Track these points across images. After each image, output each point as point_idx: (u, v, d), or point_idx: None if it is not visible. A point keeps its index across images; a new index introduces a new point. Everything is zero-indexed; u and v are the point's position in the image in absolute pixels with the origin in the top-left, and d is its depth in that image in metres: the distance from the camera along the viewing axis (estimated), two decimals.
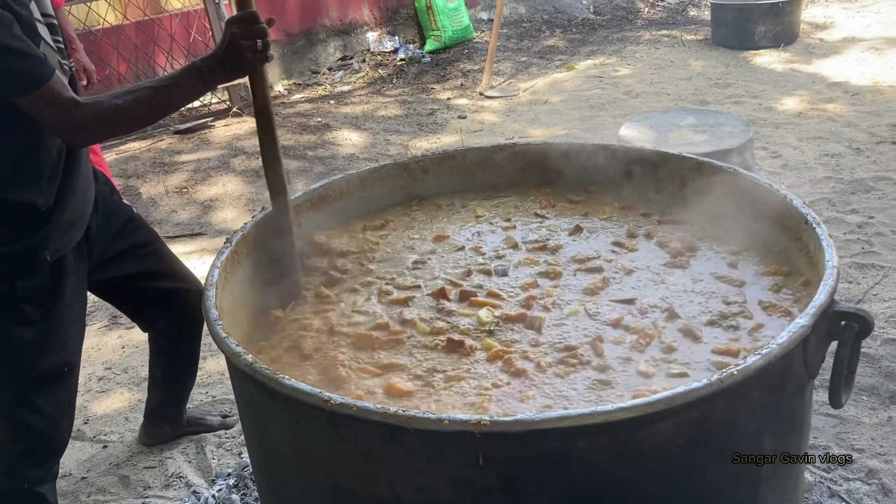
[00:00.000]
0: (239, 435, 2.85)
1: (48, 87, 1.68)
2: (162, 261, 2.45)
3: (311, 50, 7.63)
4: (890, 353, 2.92)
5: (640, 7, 9.42)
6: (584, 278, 1.87)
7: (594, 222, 2.16)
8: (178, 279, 2.49)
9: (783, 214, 1.86)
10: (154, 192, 5.17)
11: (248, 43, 1.78)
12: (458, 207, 2.33)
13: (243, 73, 1.86)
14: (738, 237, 1.96)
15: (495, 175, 2.40)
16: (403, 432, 1.24)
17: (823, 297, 1.43)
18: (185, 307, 2.50)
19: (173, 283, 2.47)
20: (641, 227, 2.10)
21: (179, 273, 2.51)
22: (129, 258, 2.32)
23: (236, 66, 1.82)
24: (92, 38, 6.10)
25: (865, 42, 7.23)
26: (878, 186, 4.33)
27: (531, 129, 5.81)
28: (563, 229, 2.12)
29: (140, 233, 2.37)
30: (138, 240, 2.35)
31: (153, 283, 2.42)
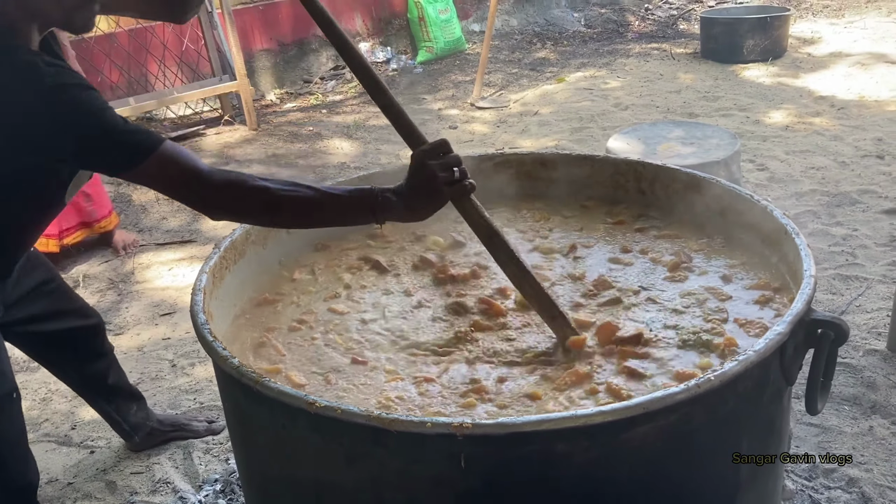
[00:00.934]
0: (226, 441, 2.86)
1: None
2: (63, 299, 2.39)
3: (303, 59, 7.67)
4: (871, 363, 2.96)
5: (631, 20, 9.50)
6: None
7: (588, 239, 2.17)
8: (82, 316, 2.46)
9: (764, 225, 1.90)
10: (144, 199, 5.17)
11: (446, 175, 1.58)
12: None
13: (433, 210, 1.62)
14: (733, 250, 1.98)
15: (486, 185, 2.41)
16: (386, 434, 1.26)
17: (801, 305, 1.46)
18: (92, 343, 2.51)
19: (78, 321, 2.44)
20: (638, 243, 2.10)
21: (82, 310, 2.47)
22: (31, 299, 2.24)
23: (429, 202, 1.59)
24: (84, 45, 6.11)
25: (852, 57, 7.32)
26: (863, 199, 4.39)
27: (521, 140, 5.85)
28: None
29: (39, 271, 2.28)
30: (39, 278, 2.27)
31: (58, 325, 2.37)
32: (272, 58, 7.44)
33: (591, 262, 2.02)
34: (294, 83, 7.58)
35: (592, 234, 2.17)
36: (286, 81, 7.54)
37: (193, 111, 6.85)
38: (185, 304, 3.88)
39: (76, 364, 2.54)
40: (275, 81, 7.47)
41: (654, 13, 9.74)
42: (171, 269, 4.29)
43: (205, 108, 6.85)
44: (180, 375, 3.31)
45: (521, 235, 2.18)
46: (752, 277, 1.87)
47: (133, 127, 1.63)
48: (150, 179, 1.63)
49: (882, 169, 4.79)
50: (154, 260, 4.41)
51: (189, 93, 6.20)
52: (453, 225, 2.22)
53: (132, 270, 4.29)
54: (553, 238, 2.16)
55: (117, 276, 4.25)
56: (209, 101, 6.83)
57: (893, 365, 2.95)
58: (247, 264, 2.03)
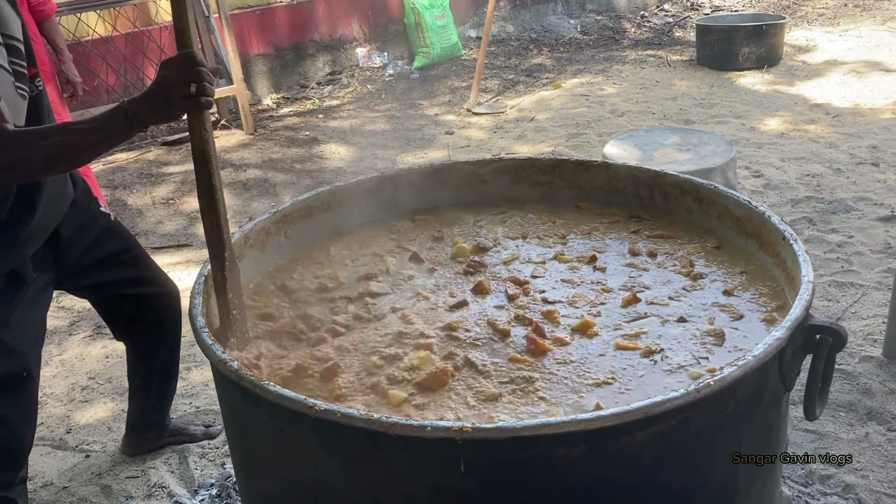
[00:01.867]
0: (222, 445, 2.85)
1: None
2: (140, 267, 2.46)
3: (300, 64, 7.67)
4: (867, 370, 2.97)
5: (627, 27, 9.54)
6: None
7: (603, 242, 2.16)
8: (156, 285, 2.52)
9: (762, 231, 1.90)
10: (141, 203, 5.17)
11: (180, 88, 1.63)
12: (471, 224, 2.32)
13: (172, 118, 1.74)
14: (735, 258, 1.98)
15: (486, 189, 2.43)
16: (386, 438, 1.26)
17: (799, 311, 1.46)
18: (163, 312, 2.54)
19: (152, 288, 2.50)
20: (643, 249, 2.09)
21: (158, 279, 2.54)
22: (107, 265, 2.34)
23: (165, 110, 1.68)
24: (81, 48, 6.12)
25: (847, 65, 7.35)
26: (858, 206, 4.40)
27: (518, 145, 5.86)
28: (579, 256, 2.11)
29: (117, 240, 2.38)
30: (116, 247, 2.37)
31: (132, 290, 2.45)
32: (269, 62, 7.45)
33: (612, 272, 2.00)
34: (291, 88, 7.58)
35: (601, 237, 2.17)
36: (283, 86, 7.54)
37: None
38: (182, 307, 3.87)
39: (149, 332, 2.57)
40: (271, 86, 7.48)
41: (650, 20, 9.78)
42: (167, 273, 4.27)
43: None
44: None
45: (540, 242, 2.16)
46: (755, 292, 1.84)
47: None
48: None
49: (877, 176, 4.81)
50: None
51: None
52: (474, 229, 2.25)
53: None
54: (572, 246, 2.14)
55: None
56: None
57: (889, 372, 2.96)
58: (244, 268, 2.02)
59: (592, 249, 2.09)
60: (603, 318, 1.78)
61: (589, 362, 1.61)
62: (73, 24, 6.17)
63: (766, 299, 1.79)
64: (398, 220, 2.34)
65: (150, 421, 2.81)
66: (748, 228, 1.97)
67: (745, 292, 1.84)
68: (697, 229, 2.13)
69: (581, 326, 1.73)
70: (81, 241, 2.24)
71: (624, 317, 1.78)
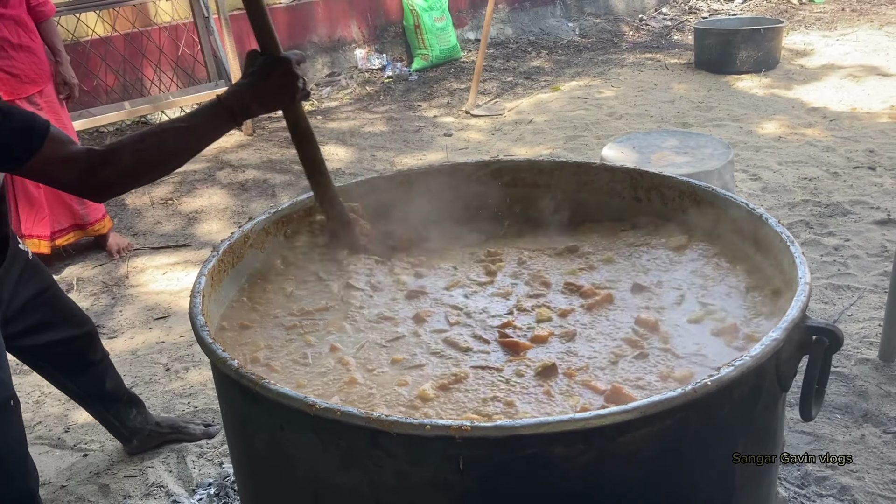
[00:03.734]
0: (220, 445, 2.86)
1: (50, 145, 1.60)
2: (56, 308, 2.40)
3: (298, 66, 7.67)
4: (863, 372, 2.98)
5: (625, 30, 9.56)
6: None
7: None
8: (72, 326, 2.46)
9: (760, 234, 1.91)
10: (139, 203, 5.17)
11: (294, 83, 1.80)
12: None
13: (281, 107, 1.86)
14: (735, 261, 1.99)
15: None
16: (386, 437, 1.26)
17: (796, 311, 1.47)
18: (83, 354, 2.52)
19: (68, 331, 2.43)
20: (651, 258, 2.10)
21: (74, 319, 2.47)
22: (29, 309, 2.27)
23: (276, 102, 1.82)
24: (80, 49, 6.12)
25: (844, 69, 7.38)
26: (855, 210, 4.42)
27: (516, 147, 5.87)
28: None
29: (37, 279, 2.30)
30: (36, 288, 2.29)
31: (48, 335, 2.37)
32: None
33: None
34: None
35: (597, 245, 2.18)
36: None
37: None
38: (180, 308, 3.89)
39: (70, 374, 2.55)
40: None
41: (648, 23, 9.80)
42: (165, 274, 4.28)
43: None
44: (174, 379, 3.30)
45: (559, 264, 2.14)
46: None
47: (16, 120, 1.59)
48: (43, 172, 1.62)
49: (874, 180, 4.83)
50: (148, 264, 4.40)
51: (185, 97, 6.20)
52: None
53: (126, 274, 4.28)
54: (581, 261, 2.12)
55: (111, 279, 4.24)
56: None
57: (885, 374, 2.97)
58: (244, 267, 2.03)
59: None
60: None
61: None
62: (73, 25, 6.18)
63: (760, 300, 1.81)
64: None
65: (130, 431, 2.79)
66: (745, 231, 1.98)
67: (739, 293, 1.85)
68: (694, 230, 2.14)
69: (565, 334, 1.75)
70: (9, 282, 2.17)
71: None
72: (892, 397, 2.85)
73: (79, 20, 6.22)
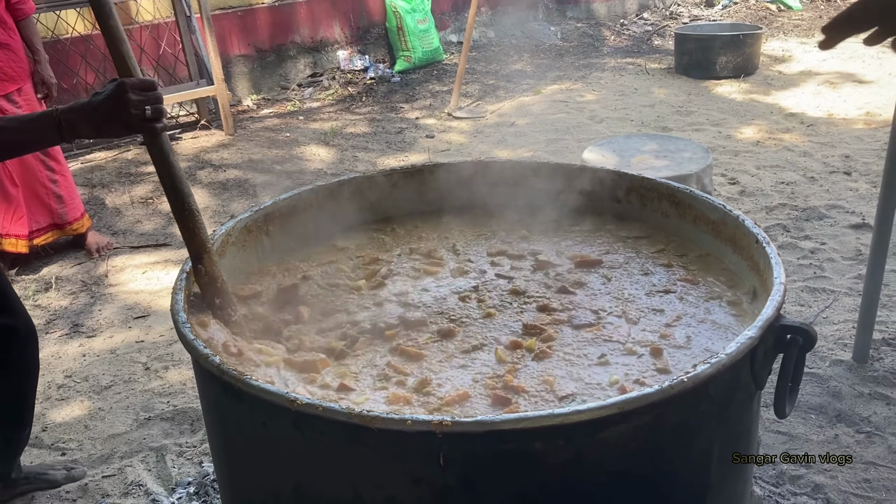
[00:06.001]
0: (199, 444, 2.85)
1: None
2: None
3: (280, 66, 7.67)
4: (837, 373, 3.03)
5: (606, 35, 9.62)
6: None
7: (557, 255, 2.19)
8: (9, 315, 2.33)
9: (737, 235, 1.95)
10: (119, 203, 5.14)
11: (138, 110, 1.65)
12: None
13: (115, 136, 1.81)
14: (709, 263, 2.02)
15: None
16: (367, 432, 1.27)
17: (771, 311, 1.50)
18: (13, 348, 2.36)
19: (3, 319, 2.31)
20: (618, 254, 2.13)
21: (13, 308, 2.35)
22: None
23: (111, 128, 1.70)
24: (60, 46, 6.08)
25: (821, 76, 7.48)
26: (831, 214, 4.49)
27: (497, 150, 5.90)
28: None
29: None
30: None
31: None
32: (249, 63, 7.44)
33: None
34: (271, 89, 7.58)
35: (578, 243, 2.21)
36: (263, 87, 7.54)
37: (170, 115, 6.81)
38: (159, 307, 3.87)
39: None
40: (252, 87, 7.47)
41: (629, 28, 9.88)
42: (144, 273, 4.26)
43: (181, 112, 6.83)
44: (154, 378, 3.29)
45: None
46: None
47: None
48: None
49: (849, 185, 4.90)
50: (128, 263, 4.38)
51: (166, 96, 6.15)
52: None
53: (105, 273, 4.26)
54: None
55: (90, 278, 4.21)
56: (186, 105, 6.81)
57: (858, 375, 3.02)
58: (225, 264, 2.03)
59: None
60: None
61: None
62: (52, 22, 6.13)
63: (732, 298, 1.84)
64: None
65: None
66: (723, 232, 2.01)
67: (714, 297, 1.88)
68: (671, 232, 2.17)
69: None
70: None
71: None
72: (865, 398, 2.90)
73: (59, 17, 6.18)
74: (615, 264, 2.07)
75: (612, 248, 2.15)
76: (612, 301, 1.90)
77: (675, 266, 2.04)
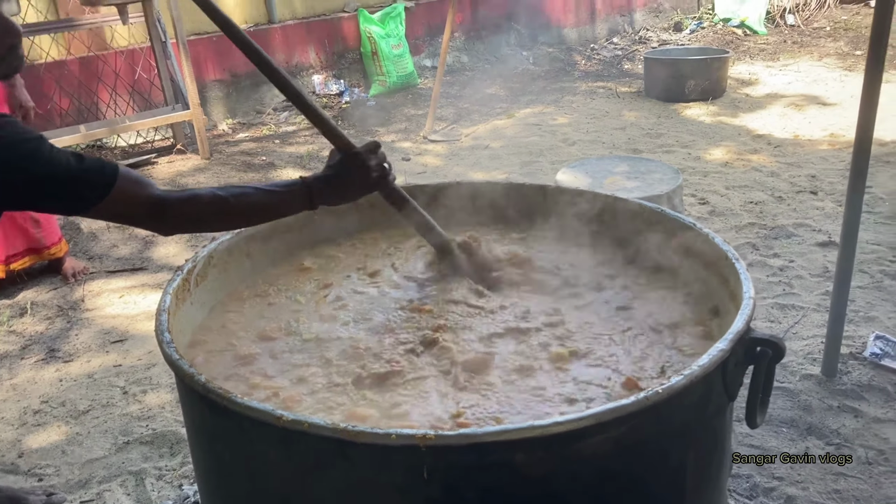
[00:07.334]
0: (180, 467, 2.85)
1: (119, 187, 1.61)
2: None
3: (256, 90, 7.70)
4: (807, 387, 3.10)
5: (577, 60, 9.79)
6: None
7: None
8: None
9: (707, 252, 2.01)
10: (95, 227, 5.12)
11: (379, 171, 1.90)
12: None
13: (362, 195, 1.95)
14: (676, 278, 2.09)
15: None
16: (352, 447, 1.31)
17: (741, 324, 1.56)
18: None
19: None
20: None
21: None
22: None
23: (361, 190, 1.91)
24: (34, 72, 6.07)
25: (787, 98, 7.67)
26: (798, 232, 4.60)
27: (473, 172, 5.97)
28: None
29: None
30: None
31: None
32: (225, 88, 7.47)
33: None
34: (247, 114, 7.61)
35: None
36: (238, 112, 7.56)
37: (145, 140, 6.82)
38: (137, 331, 3.86)
39: None
40: (227, 111, 7.49)
41: (599, 53, 10.05)
42: (121, 297, 4.25)
43: (157, 136, 6.83)
44: (132, 402, 3.28)
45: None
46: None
47: (87, 164, 1.59)
48: (113, 213, 1.64)
49: (816, 204, 5.03)
50: (104, 287, 4.37)
51: (142, 121, 6.18)
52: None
53: (82, 298, 4.24)
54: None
55: (66, 303, 4.19)
56: (161, 130, 6.82)
57: (828, 389, 3.09)
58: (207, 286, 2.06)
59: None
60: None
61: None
62: (27, 47, 6.12)
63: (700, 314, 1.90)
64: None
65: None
66: (693, 249, 2.08)
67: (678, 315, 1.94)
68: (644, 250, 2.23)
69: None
70: None
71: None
72: (834, 411, 2.97)
73: (33, 43, 6.18)
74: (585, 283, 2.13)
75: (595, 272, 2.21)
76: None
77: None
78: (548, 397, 1.62)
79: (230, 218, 1.80)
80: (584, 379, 1.69)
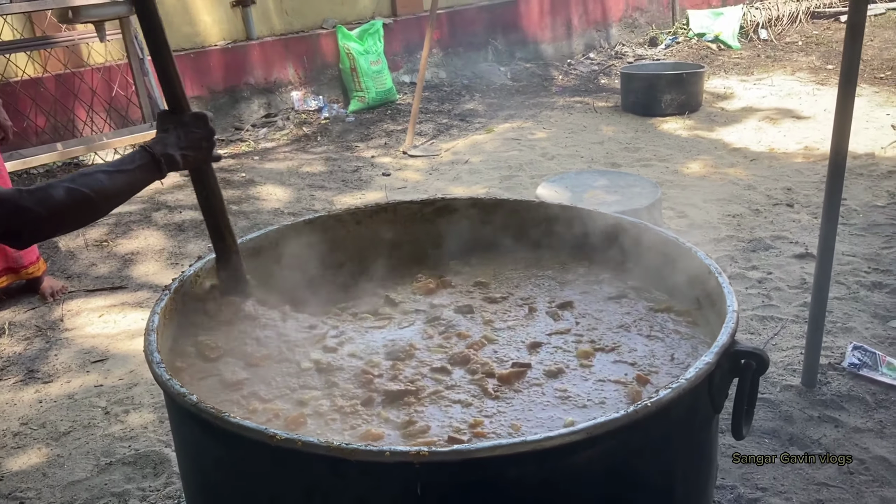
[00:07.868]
0: (164, 488, 2.83)
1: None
2: None
3: (234, 107, 7.69)
4: (788, 398, 3.14)
5: (555, 75, 9.87)
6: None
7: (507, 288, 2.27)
8: None
9: (690, 266, 2.04)
10: (73, 246, 5.08)
11: (207, 142, 1.92)
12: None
13: (201, 161, 1.97)
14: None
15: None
16: (346, 465, 1.31)
17: (726, 337, 1.59)
18: None
19: None
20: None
21: None
22: None
23: (199, 154, 1.92)
24: (10, 89, 6.02)
25: (761, 112, 7.78)
26: (776, 245, 4.66)
27: (453, 187, 5.99)
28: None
29: None
30: None
31: None
32: (203, 105, 7.44)
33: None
34: (225, 130, 7.59)
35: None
36: (217, 128, 7.51)
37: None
38: (118, 350, 3.83)
39: None
40: None
41: (576, 68, 10.15)
42: (101, 316, 4.22)
43: None
44: (114, 423, 3.25)
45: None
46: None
47: None
48: None
49: (792, 216, 5.11)
50: (84, 307, 4.32)
51: (120, 138, 6.14)
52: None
53: (61, 317, 4.20)
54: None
55: (45, 323, 4.15)
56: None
57: (808, 399, 3.13)
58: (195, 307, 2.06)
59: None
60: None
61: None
62: (2, 65, 6.08)
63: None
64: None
65: None
66: (676, 263, 2.11)
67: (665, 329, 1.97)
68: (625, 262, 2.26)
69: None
70: None
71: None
72: (815, 421, 3.01)
73: (8, 61, 6.13)
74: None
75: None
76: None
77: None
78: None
79: (94, 213, 1.68)
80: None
